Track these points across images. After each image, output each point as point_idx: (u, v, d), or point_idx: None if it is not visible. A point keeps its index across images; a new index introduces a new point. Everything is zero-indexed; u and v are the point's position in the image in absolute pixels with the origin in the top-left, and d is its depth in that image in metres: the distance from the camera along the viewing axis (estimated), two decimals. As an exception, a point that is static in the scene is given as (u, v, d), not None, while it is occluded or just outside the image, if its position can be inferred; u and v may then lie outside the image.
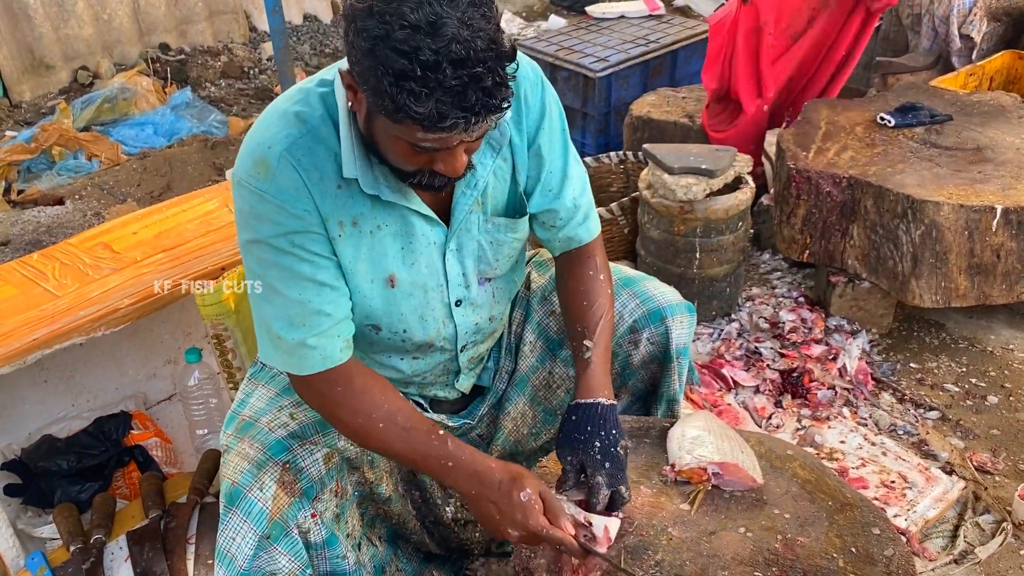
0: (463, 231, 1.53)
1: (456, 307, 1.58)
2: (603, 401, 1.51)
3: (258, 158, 1.36)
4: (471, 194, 1.49)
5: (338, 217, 1.40)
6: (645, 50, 4.05)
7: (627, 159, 3.36)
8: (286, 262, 1.38)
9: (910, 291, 2.67)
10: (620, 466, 1.46)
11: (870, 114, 3.06)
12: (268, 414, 1.55)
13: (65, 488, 2.19)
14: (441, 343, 1.61)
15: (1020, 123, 2.99)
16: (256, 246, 1.40)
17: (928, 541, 2.13)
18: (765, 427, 2.50)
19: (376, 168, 1.39)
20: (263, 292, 1.42)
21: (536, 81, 1.53)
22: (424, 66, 1.13)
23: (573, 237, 1.66)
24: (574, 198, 1.63)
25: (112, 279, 2.10)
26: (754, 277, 3.18)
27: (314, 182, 1.37)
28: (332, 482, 1.56)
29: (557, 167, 1.59)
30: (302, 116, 1.38)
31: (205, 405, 2.36)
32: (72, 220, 3.98)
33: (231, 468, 1.49)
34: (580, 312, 1.62)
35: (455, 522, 1.84)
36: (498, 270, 1.62)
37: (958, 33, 3.92)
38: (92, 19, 5.43)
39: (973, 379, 2.69)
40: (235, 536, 1.45)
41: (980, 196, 2.55)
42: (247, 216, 1.39)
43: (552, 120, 1.56)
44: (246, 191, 1.37)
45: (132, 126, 4.83)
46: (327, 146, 1.37)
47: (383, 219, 1.44)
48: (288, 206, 1.36)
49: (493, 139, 1.48)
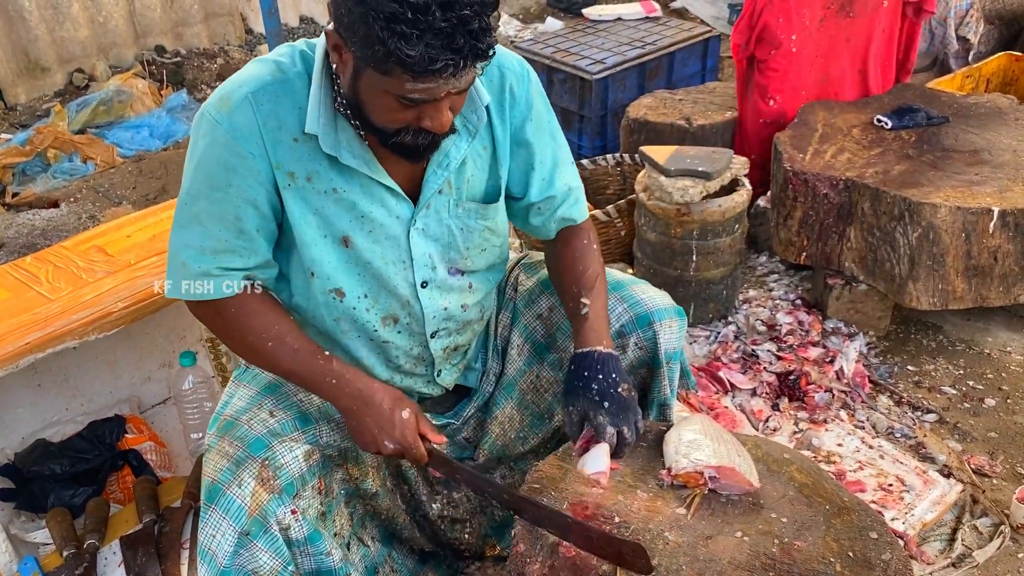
0: (431, 213, 1.55)
1: (422, 288, 1.59)
2: (600, 348, 1.55)
3: (225, 94, 1.42)
4: (442, 173, 1.52)
5: (289, 168, 1.44)
6: (642, 52, 4.04)
7: (624, 161, 3.36)
8: (217, 196, 1.42)
9: (907, 293, 2.66)
10: (623, 407, 1.49)
11: (867, 116, 3.05)
12: (248, 412, 1.55)
13: (58, 492, 2.17)
14: (407, 319, 1.61)
15: (1017, 125, 2.99)
16: (196, 172, 1.44)
17: (926, 544, 2.13)
18: (762, 430, 2.49)
19: (341, 132, 1.42)
20: (187, 217, 1.46)
21: (522, 74, 1.58)
22: (414, 8, 1.18)
23: (567, 217, 1.71)
24: (567, 182, 1.68)
25: (106, 282, 2.09)
26: (751, 279, 3.17)
27: (270, 129, 1.41)
28: (314, 479, 1.56)
29: (548, 156, 1.64)
30: (281, 67, 1.43)
31: (199, 409, 2.35)
32: (67, 223, 3.96)
33: (211, 466, 1.50)
34: (575, 275, 1.66)
35: (441, 519, 1.84)
36: (469, 262, 1.63)
37: (955, 35, 3.92)
38: (88, 21, 5.42)
39: (970, 381, 2.68)
40: (215, 533, 1.45)
41: (977, 198, 2.54)
42: (199, 141, 1.44)
43: (539, 111, 1.61)
44: (205, 120, 1.42)
45: (128, 129, 4.82)
46: (295, 99, 1.42)
47: (340, 183, 1.47)
48: (237, 143, 1.40)
49: (469, 122, 1.51)
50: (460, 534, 1.87)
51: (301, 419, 1.56)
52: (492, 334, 1.83)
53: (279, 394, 1.59)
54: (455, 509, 1.85)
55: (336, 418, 1.61)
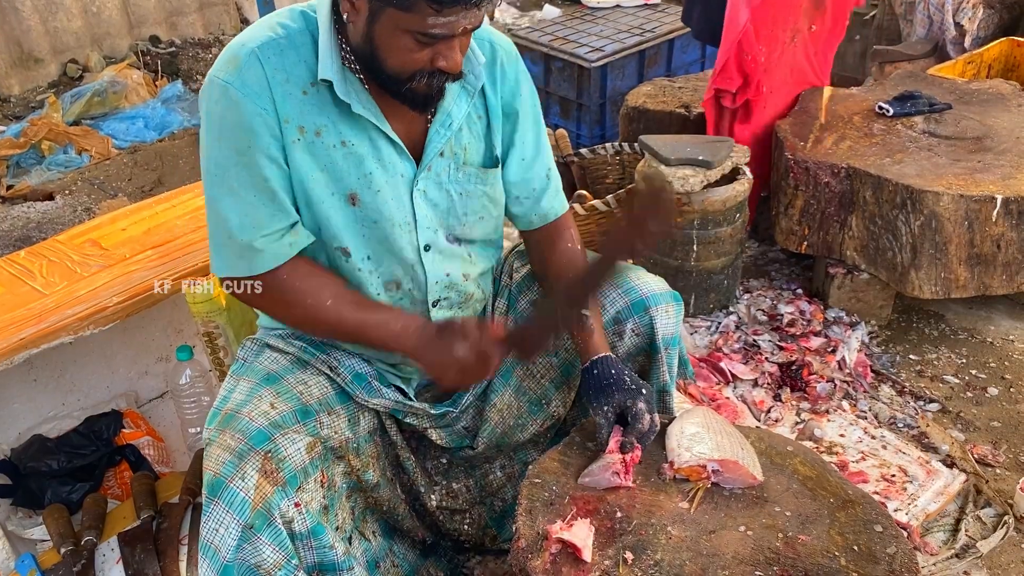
0: (432, 176, 1.57)
1: (425, 251, 1.60)
2: (611, 354, 1.61)
3: (231, 55, 1.43)
4: (444, 133, 1.54)
5: (298, 122, 1.44)
6: (640, 40, 4.01)
7: (623, 150, 3.33)
8: (244, 161, 1.43)
9: (909, 282, 2.64)
10: (651, 394, 1.57)
11: (868, 103, 3.03)
12: (248, 404, 1.53)
13: (55, 489, 2.15)
14: (409, 285, 1.62)
15: (1019, 111, 2.96)
16: (217, 143, 1.45)
17: (929, 535, 2.11)
18: (764, 421, 2.47)
19: (350, 83, 1.44)
20: (221, 191, 1.46)
21: (512, 55, 1.62)
22: None
23: (548, 210, 1.72)
24: (547, 170, 1.70)
25: (101, 276, 2.07)
26: (752, 269, 3.15)
27: (278, 82, 1.42)
28: (316, 471, 1.55)
29: (530, 138, 1.67)
30: (283, 23, 1.45)
31: (197, 403, 2.33)
32: (62, 215, 3.94)
33: (213, 459, 1.47)
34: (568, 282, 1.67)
35: (440, 510, 1.83)
36: (467, 229, 1.64)
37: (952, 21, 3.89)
38: (81, 11, 5.37)
39: (973, 370, 2.67)
40: (218, 527, 1.43)
41: (980, 186, 2.52)
42: (213, 109, 1.44)
43: (525, 92, 1.64)
44: (214, 86, 1.42)
45: (122, 120, 4.79)
46: (300, 53, 1.43)
47: (349, 135, 1.48)
48: (251, 100, 1.40)
49: (468, 82, 1.54)
50: (460, 525, 1.86)
51: (302, 411, 1.55)
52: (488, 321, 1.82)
53: (279, 386, 1.57)
54: (454, 500, 1.84)
55: (336, 409, 1.60)
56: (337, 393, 1.62)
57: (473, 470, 1.87)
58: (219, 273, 1.53)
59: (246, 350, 1.66)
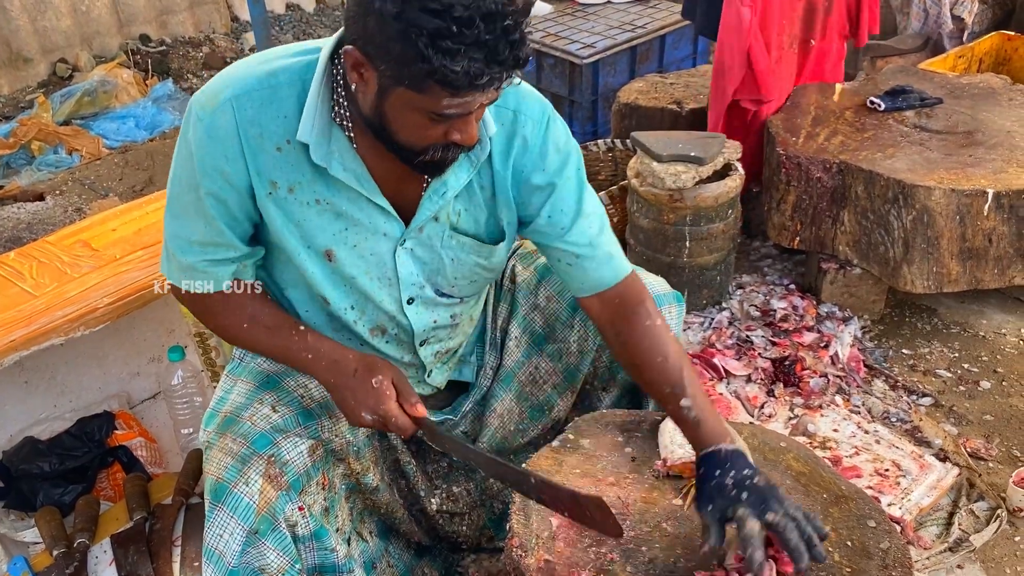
0: (423, 237, 1.49)
1: (408, 304, 1.56)
2: (724, 446, 1.40)
3: (213, 91, 1.37)
4: (438, 200, 1.45)
5: (270, 177, 1.39)
6: (632, 35, 4.01)
7: (615, 147, 3.33)
8: (194, 194, 1.41)
9: (902, 277, 2.65)
10: (764, 495, 1.32)
11: (860, 98, 3.03)
12: (249, 408, 1.52)
13: (47, 491, 2.14)
14: (395, 331, 1.59)
15: (1010, 105, 2.97)
16: (181, 165, 1.42)
17: (923, 529, 2.12)
18: (757, 416, 2.48)
19: (334, 143, 1.37)
20: (175, 207, 1.45)
21: (540, 121, 1.48)
22: (459, 23, 1.12)
23: (598, 280, 1.55)
24: (591, 237, 1.53)
25: (91, 277, 2.05)
26: (744, 265, 3.15)
27: (250, 136, 1.36)
28: (318, 474, 1.54)
29: (570, 205, 1.51)
30: (274, 73, 1.37)
31: (190, 404, 2.32)
32: (53, 216, 3.92)
33: (215, 464, 1.46)
34: (658, 370, 1.49)
35: (440, 514, 1.82)
36: (456, 289, 1.59)
37: (950, 14, 3.90)
38: (70, 10, 5.34)
39: (965, 364, 2.67)
40: (222, 533, 1.42)
41: (971, 180, 2.53)
42: (186, 133, 1.40)
43: (553, 162, 1.49)
44: (192, 112, 1.38)
45: (113, 119, 4.76)
46: (282, 108, 1.36)
47: (326, 194, 1.42)
48: (215, 144, 1.36)
49: (473, 153, 1.43)
50: (459, 527, 1.85)
51: (303, 414, 1.54)
52: (489, 327, 1.81)
53: (280, 389, 1.57)
54: (455, 503, 1.83)
55: (337, 412, 1.59)
56: None
57: (473, 473, 1.85)
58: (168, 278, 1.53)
59: (242, 349, 1.65)
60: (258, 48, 4.01)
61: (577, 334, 1.75)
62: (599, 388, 1.84)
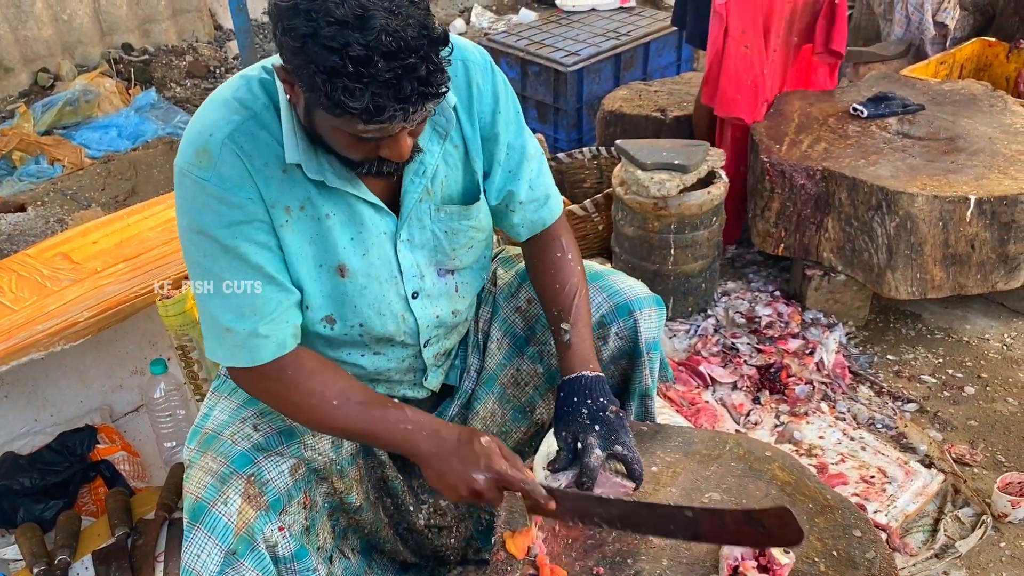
0: (414, 221, 1.51)
1: (413, 299, 1.56)
2: (586, 373, 1.52)
3: (200, 147, 1.34)
4: (419, 182, 1.48)
5: (285, 202, 1.38)
6: (616, 43, 4.02)
7: (600, 154, 3.33)
8: (232, 252, 1.36)
9: (886, 283, 2.66)
10: (612, 428, 1.47)
11: (843, 105, 3.04)
12: (231, 427, 1.51)
13: (28, 507, 2.12)
14: (402, 337, 1.58)
15: (991, 112, 2.99)
16: (200, 237, 1.37)
17: (909, 536, 2.12)
18: (743, 424, 2.48)
19: (321, 155, 1.37)
20: (211, 285, 1.40)
21: (485, 66, 1.53)
22: (356, 62, 1.12)
23: (536, 220, 1.66)
24: (530, 179, 1.63)
25: (71, 291, 2.04)
26: (729, 272, 3.16)
27: (258, 168, 1.35)
28: (300, 494, 1.52)
29: (516, 147, 1.60)
30: (244, 102, 1.36)
31: (172, 417, 2.30)
32: (34, 227, 3.88)
33: (194, 483, 1.45)
34: (553, 295, 1.62)
35: (428, 528, 1.81)
36: (457, 261, 1.60)
37: (932, 20, 3.92)
38: (51, 20, 5.31)
39: (950, 370, 2.68)
40: (200, 553, 1.40)
41: (953, 186, 2.54)
42: (190, 205, 1.36)
43: (506, 103, 1.56)
44: (188, 180, 1.35)
45: (95, 129, 4.73)
46: (270, 132, 1.35)
47: (331, 207, 1.42)
48: (231, 195, 1.33)
49: (439, 125, 1.47)
50: (446, 540, 1.84)
51: (286, 432, 1.52)
52: (472, 331, 1.81)
53: (262, 407, 1.55)
54: (442, 517, 1.82)
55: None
56: None
57: None
58: (222, 363, 1.46)
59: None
60: (241, 56, 3.99)
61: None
62: None
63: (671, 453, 1.61)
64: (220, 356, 1.43)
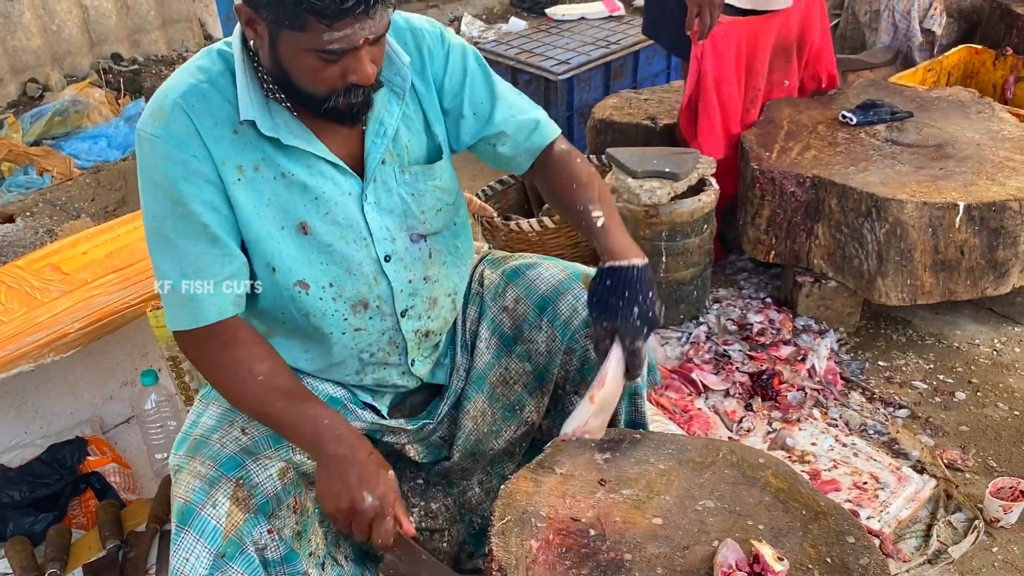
0: (379, 184, 1.55)
1: (386, 262, 1.58)
2: (637, 263, 1.51)
3: (156, 107, 1.42)
4: (381, 142, 1.52)
5: (236, 161, 1.43)
6: (606, 52, 4.03)
7: (591, 163, 3.33)
8: (180, 210, 1.41)
9: (876, 289, 2.67)
10: (655, 329, 1.53)
11: (832, 112, 3.06)
12: (219, 431, 1.51)
13: (17, 520, 2.10)
14: (377, 302, 1.59)
15: (979, 118, 3.01)
16: (153, 193, 1.43)
17: (902, 542, 2.13)
18: (736, 431, 2.48)
19: (276, 113, 1.43)
20: (159, 242, 1.45)
21: (435, 33, 1.61)
22: None
23: (531, 146, 1.70)
24: (512, 115, 1.67)
25: (61, 302, 2.03)
26: (721, 279, 3.16)
27: (206, 127, 1.41)
28: (289, 497, 1.53)
29: (482, 95, 1.64)
30: (202, 68, 1.44)
31: (164, 428, 2.29)
32: (23, 238, 3.86)
33: (183, 487, 1.45)
34: (573, 195, 1.64)
35: (419, 532, 1.81)
36: (427, 224, 1.62)
37: (919, 28, 3.95)
38: (40, 30, 5.29)
39: (941, 375, 2.69)
40: (188, 556, 1.41)
41: (942, 193, 2.56)
42: (143, 162, 1.43)
43: (458, 59, 1.61)
44: (143, 139, 1.42)
45: (85, 139, 4.71)
46: (224, 94, 1.42)
47: (288, 166, 1.47)
48: (179, 151, 1.40)
49: (395, 85, 1.52)
50: (438, 543, 1.84)
51: (274, 436, 1.53)
52: (460, 329, 1.82)
53: None
54: (433, 520, 1.83)
55: None
56: None
57: (451, 487, 1.85)
58: (170, 327, 1.51)
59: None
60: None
61: (545, 335, 1.75)
62: (571, 392, 1.84)
63: (664, 461, 1.61)
64: (168, 319, 1.48)
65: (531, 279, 1.77)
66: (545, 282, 1.75)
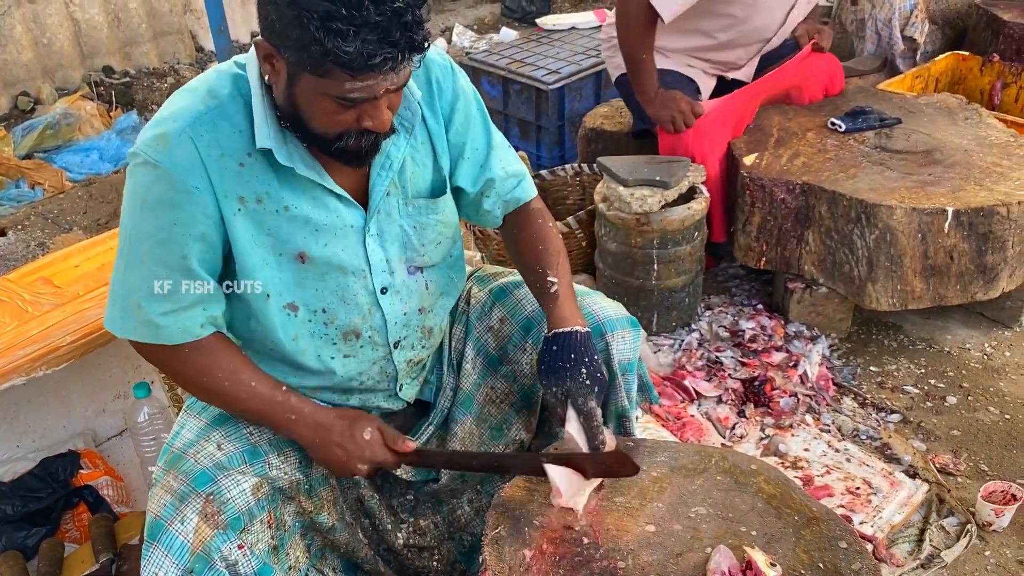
0: (383, 215, 1.54)
1: (382, 295, 1.58)
2: (579, 329, 1.58)
3: (160, 131, 1.38)
4: (386, 175, 1.52)
5: (238, 193, 1.41)
6: (597, 61, 4.05)
7: (582, 171, 3.35)
8: (162, 237, 1.39)
9: (867, 295, 2.68)
10: (603, 389, 1.56)
11: (821, 119, 3.08)
12: (195, 445, 1.52)
13: (10, 535, 2.10)
14: (369, 333, 1.59)
15: (966, 124, 3.03)
16: (138, 213, 1.41)
17: (895, 546, 2.13)
18: (729, 437, 2.48)
19: (291, 143, 1.41)
20: (132, 259, 1.43)
21: (446, 67, 1.60)
22: (348, 5, 1.19)
23: (511, 199, 1.73)
24: (503, 166, 1.70)
25: (53, 315, 2.02)
26: (712, 286, 3.17)
27: (212, 159, 1.38)
28: (263, 512, 1.53)
29: (481, 142, 1.66)
30: (213, 92, 1.41)
31: (156, 441, 2.28)
32: (15, 252, 3.86)
33: (155, 502, 1.46)
34: (537, 255, 1.68)
35: (407, 548, 1.80)
36: (427, 257, 1.63)
37: (900, 36, 3.98)
38: (31, 43, 5.29)
39: (932, 380, 2.71)
40: (157, 571, 1.41)
41: (931, 199, 2.57)
42: (136, 182, 1.40)
43: (467, 100, 1.62)
44: (140, 159, 1.39)
45: (76, 152, 4.71)
46: (233, 123, 1.40)
47: (292, 199, 1.45)
48: (180, 179, 1.37)
49: (404, 119, 1.51)
50: (428, 562, 1.83)
51: (250, 452, 1.53)
52: (447, 348, 1.82)
53: (228, 426, 1.55)
54: (422, 537, 1.81)
55: (287, 450, 1.58)
56: None
57: (440, 505, 1.84)
58: (120, 335, 1.49)
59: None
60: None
61: (529, 356, 1.75)
62: None
63: (657, 468, 1.61)
64: (123, 329, 1.47)
65: (518, 299, 1.78)
66: (531, 303, 1.75)
